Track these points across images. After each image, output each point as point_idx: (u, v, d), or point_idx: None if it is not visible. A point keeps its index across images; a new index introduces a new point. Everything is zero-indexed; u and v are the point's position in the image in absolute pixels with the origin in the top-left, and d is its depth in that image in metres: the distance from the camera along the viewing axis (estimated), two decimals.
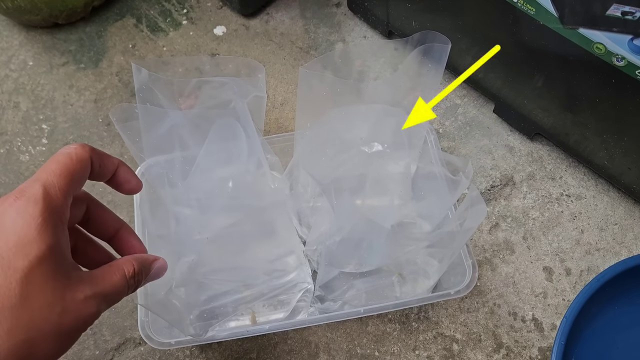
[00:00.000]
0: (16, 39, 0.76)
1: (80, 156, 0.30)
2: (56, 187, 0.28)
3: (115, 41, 0.76)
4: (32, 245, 0.26)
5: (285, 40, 0.75)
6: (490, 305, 0.58)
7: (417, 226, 0.57)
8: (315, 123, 0.48)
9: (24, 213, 0.26)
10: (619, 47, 0.45)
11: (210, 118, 0.52)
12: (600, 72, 0.49)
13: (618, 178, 0.60)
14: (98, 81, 0.72)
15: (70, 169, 0.29)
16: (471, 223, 0.43)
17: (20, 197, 0.27)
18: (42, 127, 0.69)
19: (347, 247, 0.50)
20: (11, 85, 0.72)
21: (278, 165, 0.58)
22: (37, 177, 0.28)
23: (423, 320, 0.57)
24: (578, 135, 0.60)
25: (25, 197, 0.27)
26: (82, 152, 0.31)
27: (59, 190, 0.28)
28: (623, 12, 0.42)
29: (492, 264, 0.60)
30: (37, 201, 0.27)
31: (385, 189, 0.56)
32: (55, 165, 0.29)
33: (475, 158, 0.67)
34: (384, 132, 0.52)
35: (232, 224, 0.57)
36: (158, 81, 0.49)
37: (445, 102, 0.70)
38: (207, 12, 0.78)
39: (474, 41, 0.61)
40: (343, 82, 0.46)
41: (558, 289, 0.59)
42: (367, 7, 0.72)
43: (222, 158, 0.55)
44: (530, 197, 0.64)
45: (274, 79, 0.72)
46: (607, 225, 0.62)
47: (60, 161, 0.29)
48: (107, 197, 0.64)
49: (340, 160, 0.52)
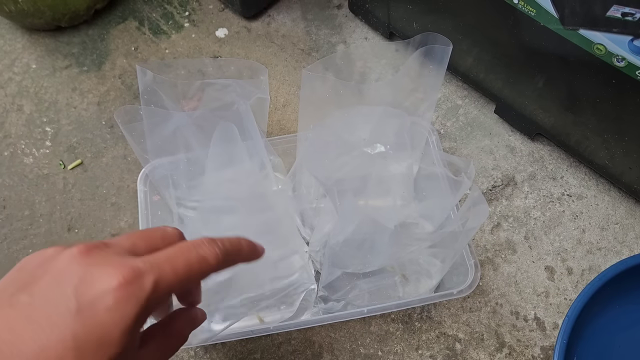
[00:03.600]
0: (19, 42, 0.77)
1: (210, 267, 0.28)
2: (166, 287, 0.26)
3: (117, 44, 0.76)
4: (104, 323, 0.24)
5: (286, 42, 0.76)
6: (493, 305, 0.58)
7: (419, 226, 0.58)
8: (318, 125, 0.49)
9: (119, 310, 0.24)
10: (619, 47, 0.45)
11: (213, 120, 0.52)
12: (600, 72, 0.49)
13: (619, 178, 0.60)
14: (101, 84, 0.73)
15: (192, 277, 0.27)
16: (473, 223, 0.43)
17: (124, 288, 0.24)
18: (45, 129, 0.70)
19: (350, 248, 0.50)
20: (15, 88, 0.73)
21: (281, 167, 0.58)
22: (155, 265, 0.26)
23: (426, 320, 0.58)
24: (579, 135, 0.60)
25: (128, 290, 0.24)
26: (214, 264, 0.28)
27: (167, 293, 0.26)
28: (623, 13, 0.43)
29: (494, 264, 0.61)
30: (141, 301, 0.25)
31: (387, 189, 0.57)
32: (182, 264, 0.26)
33: (477, 158, 0.67)
34: (386, 133, 0.52)
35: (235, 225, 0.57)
36: (162, 83, 0.50)
37: (446, 103, 0.71)
38: (208, 14, 0.78)
39: (474, 42, 0.62)
40: (345, 84, 0.46)
41: (560, 288, 0.59)
42: (368, 9, 0.73)
43: (226, 160, 0.55)
44: (531, 197, 0.64)
45: (275, 80, 0.73)
46: (609, 224, 0.63)
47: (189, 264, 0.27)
48: (110, 199, 0.64)
49: (343, 162, 0.52)
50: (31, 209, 0.64)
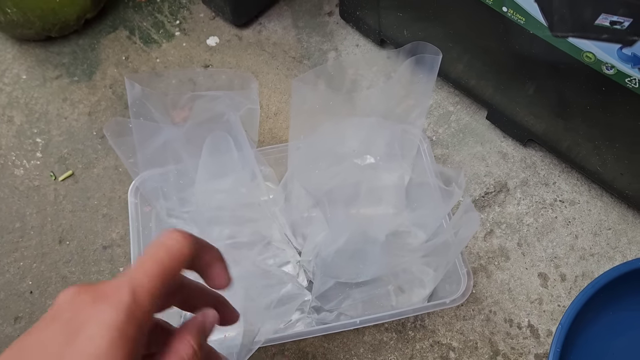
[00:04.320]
0: (9, 53, 0.76)
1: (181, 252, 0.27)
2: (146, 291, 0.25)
3: (108, 53, 0.76)
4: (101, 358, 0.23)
5: (278, 50, 0.76)
6: (486, 313, 0.58)
7: (411, 234, 0.58)
8: (309, 137, 0.49)
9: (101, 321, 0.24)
10: (608, 55, 0.46)
11: (203, 132, 0.52)
12: (590, 80, 0.49)
13: (611, 183, 0.60)
14: (92, 94, 0.72)
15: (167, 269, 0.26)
16: (465, 233, 0.43)
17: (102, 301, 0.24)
18: (36, 140, 0.69)
19: (342, 258, 0.50)
20: (5, 99, 0.72)
21: (272, 176, 0.58)
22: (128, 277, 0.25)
23: (419, 329, 0.57)
24: (570, 142, 0.60)
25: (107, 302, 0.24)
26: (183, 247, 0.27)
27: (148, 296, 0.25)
28: (612, 22, 0.43)
29: (488, 271, 0.60)
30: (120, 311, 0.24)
31: (379, 198, 0.57)
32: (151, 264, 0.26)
33: (469, 165, 0.67)
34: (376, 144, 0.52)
35: (228, 236, 0.57)
36: (151, 96, 0.49)
37: (438, 110, 0.71)
38: (199, 23, 0.78)
39: (465, 49, 0.62)
40: (336, 94, 0.46)
41: (553, 295, 0.59)
42: (359, 16, 0.73)
43: (216, 171, 0.55)
44: (524, 203, 0.64)
45: (267, 89, 0.73)
46: (601, 230, 0.63)
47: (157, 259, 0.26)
48: (102, 210, 0.64)
49: (333, 173, 0.52)
50: (22, 221, 0.64)
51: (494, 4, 0.51)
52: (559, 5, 0.46)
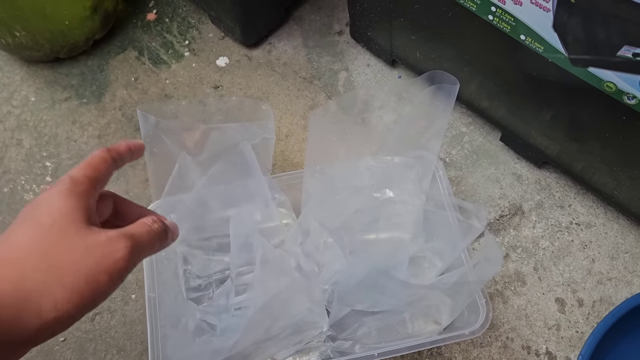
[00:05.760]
0: (17, 75, 0.76)
1: (100, 154, 0.37)
2: (80, 173, 0.35)
3: (117, 74, 0.75)
4: (56, 206, 0.32)
5: (288, 70, 0.75)
6: (503, 339, 0.58)
7: (427, 259, 0.57)
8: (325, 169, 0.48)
9: (54, 191, 0.33)
10: (629, 86, 0.45)
11: (216, 160, 0.51)
12: (610, 109, 0.49)
13: (627, 207, 0.60)
14: (101, 116, 0.72)
15: (92, 163, 0.36)
16: (486, 274, 0.43)
17: (49, 190, 0.34)
18: (45, 164, 0.69)
19: (359, 289, 0.50)
20: (14, 122, 0.72)
21: (287, 204, 0.58)
22: (67, 174, 0.35)
23: (436, 357, 0.57)
24: (586, 164, 0.59)
25: (52, 189, 0.34)
26: (101, 152, 0.37)
27: (82, 176, 0.34)
28: (634, 54, 0.42)
29: (504, 297, 0.60)
30: (64, 182, 0.34)
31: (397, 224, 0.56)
32: (81, 162, 0.36)
33: (483, 187, 0.66)
34: (394, 181, 0.51)
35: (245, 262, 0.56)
36: (165, 127, 0.49)
37: (451, 130, 0.70)
38: (209, 43, 0.78)
39: (478, 71, 0.61)
40: (353, 128, 0.46)
41: (571, 321, 0.59)
42: (370, 36, 0.72)
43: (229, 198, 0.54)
44: (539, 227, 0.64)
45: (278, 110, 0.72)
46: (618, 253, 0.62)
47: (85, 160, 0.36)
48: None
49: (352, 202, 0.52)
50: None
51: (511, 31, 0.50)
52: (579, 36, 0.45)
